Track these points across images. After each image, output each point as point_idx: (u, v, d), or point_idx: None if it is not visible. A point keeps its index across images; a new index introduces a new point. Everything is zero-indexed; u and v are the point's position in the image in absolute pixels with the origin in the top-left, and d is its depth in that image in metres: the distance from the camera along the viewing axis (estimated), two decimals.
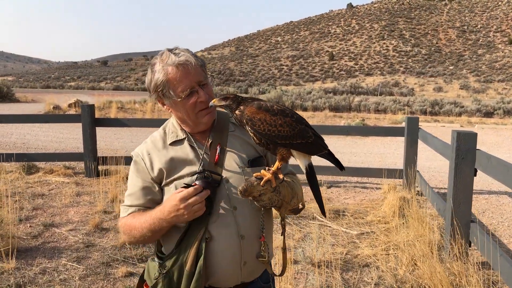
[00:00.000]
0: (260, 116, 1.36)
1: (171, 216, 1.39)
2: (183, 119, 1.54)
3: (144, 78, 9.16)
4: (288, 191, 1.45)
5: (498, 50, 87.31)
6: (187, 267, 1.41)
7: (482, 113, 23.28)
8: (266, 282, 1.62)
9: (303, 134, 1.37)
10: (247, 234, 1.48)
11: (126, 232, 1.52)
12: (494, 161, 3.09)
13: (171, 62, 1.46)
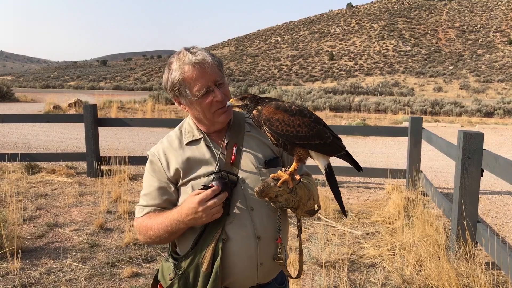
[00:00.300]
0: (278, 116, 1.35)
1: (189, 219, 1.38)
2: (199, 118, 1.53)
3: (144, 78, 9.25)
4: (304, 192, 1.44)
5: (497, 50, 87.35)
6: (204, 268, 1.39)
7: (483, 113, 23.29)
8: (281, 283, 1.61)
9: (321, 134, 1.36)
10: (263, 235, 1.46)
11: (142, 233, 1.52)
12: (502, 161, 3.08)
13: (188, 61, 1.45)
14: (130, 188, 6.09)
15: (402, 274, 3.43)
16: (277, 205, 1.42)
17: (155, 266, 3.70)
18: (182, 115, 18.82)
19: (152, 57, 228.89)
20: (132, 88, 56.79)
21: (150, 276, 3.51)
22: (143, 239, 1.54)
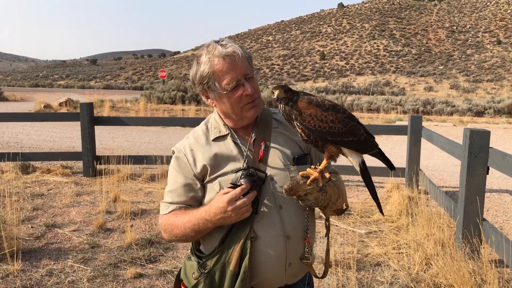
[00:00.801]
0: (311, 111, 1.30)
1: (218, 218, 1.34)
2: (227, 113, 1.48)
3: (134, 77, 9.19)
4: (334, 191, 1.40)
5: (486, 50, 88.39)
6: (231, 267, 1.35)
7: (473, 112, 23.53)
8: (306, 283, 1.56)
9: (355, 131, 1.32)
10: (292, 234, 1.42)
11: (167, 231, 1.48)
12: (510, 159, 3.08)
13: (218, 53, 1.41)
14: (128, 188, 6.00)
15: (410, 272, 3.41)
16: (306, 203, 1.38)
17: (159, 267, 3.64)
18: (175, 114, 18.71)
19: (143, 56, 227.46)
20: (123, 87, 56.32)
21: (154, 277, 3.46)
22: (168, 237, 1.50)
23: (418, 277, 3.37)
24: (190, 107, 21.54)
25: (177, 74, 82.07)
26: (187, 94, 26.04)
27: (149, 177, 6.57)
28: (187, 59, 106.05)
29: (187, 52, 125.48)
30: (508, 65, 69.80)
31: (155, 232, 4.40)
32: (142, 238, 4.19)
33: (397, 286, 3.31)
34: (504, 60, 73.55)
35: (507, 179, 6.86)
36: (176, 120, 8.61)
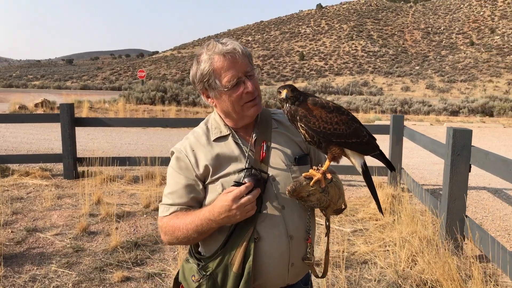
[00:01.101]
0: (316, 113, 1.30)
1: (222, 217, 1.32)
2: (227, 112, 1.47)
3: (112, 77, 9.06)
4: (335, 191, 1.40)
5: (460, 51, 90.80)
6: (235, 269, 1.34)
7: (449, 111, 24.13)
8: (306, 284, 1.57)
9: (358, 133, 1.33)
10: (295, 235, 1.42)
11: (168, 233, 1.44)
12: (493, 157, 3.17)
13: (218, 50, 1.40)
14: (111, 190, 5.90)
15: (396, 269, 3.47)
16: (308, 204, 1.38)
17: (146, 270, 3.59)
18: (155, 114, 18.49)
19: (120, 56, 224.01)
20: (100, 88, 55.35)
21: (142, 280, 3.40)
22: (168, 239, 1.46)
23: (404, 274, 3.43)
24: (170, 108, 21.33)
25: (156, 74, 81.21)
26: (167, 95, 25.79)
27: (132, 178, 6.47)
28: (165, 59, 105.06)
29: (166, 52, 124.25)
30: (481, 66, 71.88)
31: (141, 235, 4.34)
32: (127, 241, 4.12)
33: (384, 283, 3.36)
34: (477, 61, 75.71)
35: (483, 176, 7.06)
36: (160, 121, 8.50)
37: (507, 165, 2.95)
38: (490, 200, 5.94)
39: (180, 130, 13.18)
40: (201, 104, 24.41)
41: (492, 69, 68.06)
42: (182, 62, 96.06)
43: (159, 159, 6.41)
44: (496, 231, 4.70)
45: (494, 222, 5.00)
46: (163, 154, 8.23)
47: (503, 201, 5.87)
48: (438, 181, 6.96)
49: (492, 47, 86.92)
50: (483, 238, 3.27)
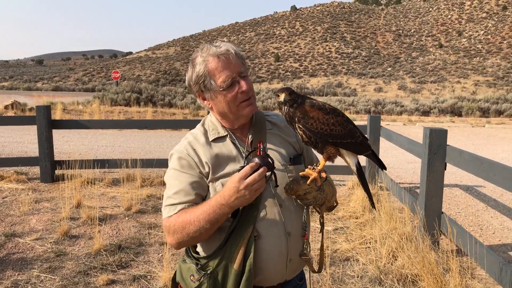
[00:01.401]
0: (313, 114, 1.37)
1: (233, 199, 1.32)
2: (223, 112, 1.50)
3: (85, 79, 8.99)
4: (329, 189, 1.47)
5: (429, 53, 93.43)
6: (235, 266, 1.37)
7: (420, 112, 24.84)
8: (300, 279, 1.63)
9: (353, 133, 1.40)
10: (293, 232, 1.48)
11: (177, 231, 1.41)
12: (467, 155, 3.32)
13: (212, 53, 1.45)
14: (90, 193, 5.81)
15: (378, 265, 3.58)
16: (304, 202, 1.44)
17: (131, 272, 3.57)
18: (131, 116, 18.24)
19: (93, 56, 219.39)
20: (73, 89, 54.09)
21: (128, 282, 3.39)
22: (178, 238, 1.41)
23: (386, 269, 3.55)
24: (146, 109, 21.10)
25: (130, 75, 79.96)
26: (142, 96, 25.48)
27: (112, 181, 6.40)
28: (140, 60, 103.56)
29: (140, 52, 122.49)
30: (449, 67, 74.19)
31: (124, 237, 4.31)
32: (111, 244, 4.09)
33: (366, 279, 3.47)
34: (445, 63, 78.11)
35: (455, 174, 7.33)
36: (140, 122, 8.40)
37: (480, 163, 3.10)
38: (462, 197, 6.18)
39: (157, 132, 13.07)
40: (177, 105, 24.23)
41: (460, 71, 70.38)
42: (156, 63, 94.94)
43: (140, 161, 6.36)
44: (469, 226, 4.91)
45: (467, 218, 5.21)
46: (143, 156, 8.16)
47: (475, 198, 6.13)
48: (413, 180, 7.18)
49: (459, 49, 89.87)
50: (460, 234, 3.43)
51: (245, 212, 1.41)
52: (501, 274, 2.80)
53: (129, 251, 3.97)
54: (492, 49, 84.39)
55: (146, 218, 4.90)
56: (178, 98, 26.11)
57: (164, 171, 6.94)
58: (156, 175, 6.70)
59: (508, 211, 5.45)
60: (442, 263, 3.56)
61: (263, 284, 1.46)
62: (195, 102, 24.17)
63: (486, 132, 14.97)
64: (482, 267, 3.08)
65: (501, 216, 5.28)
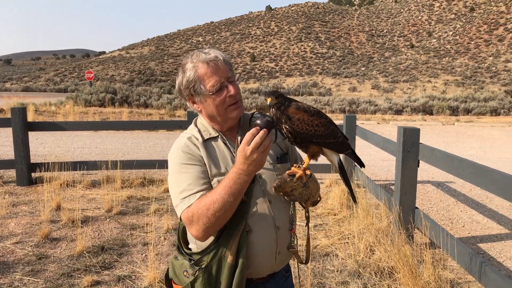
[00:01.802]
0: (299, 116, 1.47)
1: (247, 167, 1.36)
2: (212, 115, 1.58)
3: (57, 79, 8.99)
4: (314, 185, 1.58)
5: (401, 53, 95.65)
6: (229, 260, 1.46)
7: (393, 110, 25.45)
8: (286, 271, 1.73)
9: (335, 134, 1.51)
10: (281, 226, 1.57)
11: (202, 214, 1.41)
12: (438, 153, 3.51)
13: (202, 59, 1.54)
14: (69, 195, 5.77)
15: (356, 259, 3.74)
16: (291, 198, 1.55)
17: (115, 272, 3.60)
18: (106, 117, 17.97)
19: (65, 56, 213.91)
20: (44, 90, 52.69)
21: (113, 283, 3.42)
22: (203, 224, 1.41)
23: (364, 263, 3.71)
24: (121, 110, 20.82)
25: (104, 76, 78.45)
26: (117, 96, 25.12)
27: (91, 183, 6.35)
28: (113, 60, 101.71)
29: (114, 52, 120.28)
30: (420, 67, 76.14)
31: (106, 239, 4.32)
32: (93, 245, 4.10)
33: (346, 272, 3.62)
34: (417, 63, 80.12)
35: (427, 171, 7.62)
36: (119, 124, 8.32)
37: (451, 160, 3.29)
38: (434, 193, 6.45)
39: (134, 133, 12.95)
40: (153, 105, 24.00)
41: (430, 70, 72.35)
42: (131, 62, 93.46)
43: (120, 162, 6.34)
44: (441, 220, 5.14)
45: (439, 212, 5.46)
46: (121, 157, 8.11)
47: (446, 193, 6.40)
48: (388, 177, 7.43)
49: (430, 49, 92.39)
50: (432, 227, 3.62)
51: (237, 210, 1.48)
52: (471, 264, 2.99)
53: (112, 252, 3.99)
54: (461, 50, 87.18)
55: (128, 219, 4.91)
56: (154, 98, 25.86)
57: (144, 172, 6.94)
58: (135, 176, 6.69)
59: (477, 205, 5.73)
60: (417, 256, 3.74)
61: (253, 276, 1.56)
62: (171, 103, 24.02)
63: (456, 130, 15.53)
64: (453, 258, 3.27)
65: (470, 210, 5.56)
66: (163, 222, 4.72)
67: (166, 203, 5.44)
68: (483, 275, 2.82)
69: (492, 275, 2.74)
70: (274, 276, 1.64)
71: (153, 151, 9.69)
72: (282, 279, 1.70)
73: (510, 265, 3.87)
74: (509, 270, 3.77)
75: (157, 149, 9.96)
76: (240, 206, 1.49)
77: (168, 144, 10.91)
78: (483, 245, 4.38)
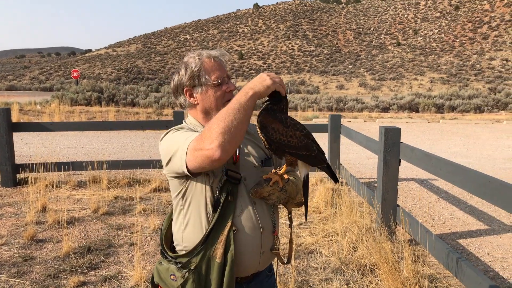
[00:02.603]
0: (274, 126, 1.53)
1: (258, 84, 1.45)
2: (209, 109, 1.64)
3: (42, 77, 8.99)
4: (293, 188, 1.63)
5: (388, 51, 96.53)
6: (218, 259, 1.50)
7: (380, 108, 25.73)
8: (269, 270, 1.79)
9: (308, 147, 1.55)
10: (265, 227, 1.63)
11: (212, 127, 1.38)
12: (418, 152, 3.61)
13: (207, 55, 1.64)
14: (55, 196, 5.75)
15: (339, 257, 3.83)
16: (270, 202, 1.60)
17: (102, 273, 3.63)
18: (93, 116, 17.83)
19: (50, 54, 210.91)
20: (29, 88, 51.95)
21: (99, 283, 3.45)
22: (217, 130, 1.35)
23: (347, 260, 3.80)
24: (108, 109, 20.66)
25: (90, 74, 77.61)
26: (103, 95, 24.94)
27: (77, 184, 6.34)
28: (100, 58, 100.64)
29: (100, 50, 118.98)
30: (407, 65, 77.03)
31: (93, 239, 4.34)
32: (80, 246, 4.12)
33: (329, 270, 3.70)
34: (403, 60, 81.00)
35: (411, 168, 7.77)
36: (105, 124, 8.25)
37: (429, 159, 3.39)
38: (417, 190, 6.59)
39: (120, 133, 12.90)
40: (140, 104, 23.89)
41: (416, 68, 73.24)
42: (117, 60, 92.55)
43: (106, 162, 6.34)
44: (423, 217, 5.27)
45: (421, 209, 5.59)
46: (107, 157, 8.09)
47: (428, 190, 6.55)
48: (373, 174, 7.55)
49: (416, 47, 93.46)
50: (412, 224, 3.72)
51: (223, 209, 1.54)
52: (448, 260, 3.10)
53: (99, 253, 4.01)
54: (446, 47, 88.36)
55: (114, 220, 4.93)
56: (141, 97, 25.73)
57: (130, 172, 6.95)
58: (122, 176, 6.69)
59: (458, 202, 5.88)
60: (397, 252, 3.84)
61: (239, 274, 1.61)
62: (159, 101, 23.92)
63: (441, 127, 15.80)
64: (432, 254, 3.38)
65: (451, 206, 5.70)
66: (149, 222, 4.75)
67: (153, 203, 5.47)
68: (459, 270, 2.93)
69: (468, 270, 2.84)
70: (258, 275, 1.69)
71: (140, 150, 9.68)
72: (266, 278, 1.75)
73: (487, 260, 4.00)
74: (486, 265, 3.89)
75: (144, 149, 9.96)
76: (226, 205, 1.54)
77: (155, 143, 10.90)
78: (462, 241, 4.51)
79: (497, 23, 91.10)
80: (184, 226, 1.60)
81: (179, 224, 1.62)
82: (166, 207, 5.37)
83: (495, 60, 72.51)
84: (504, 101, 24.77)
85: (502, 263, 3.95)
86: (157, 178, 6.40)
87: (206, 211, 1.55)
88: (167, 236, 1.70)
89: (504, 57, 72.78)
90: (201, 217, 1.56)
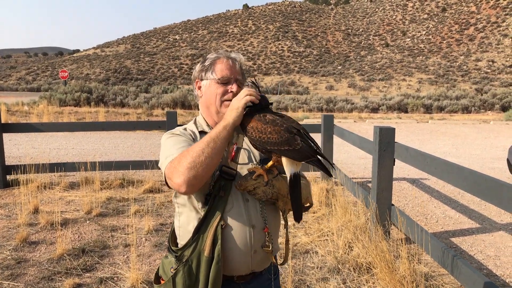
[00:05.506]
0: (253, 124, 1.54)
1: (229, 115, 1.54)
2: (209, 104, 1.69)
3: (29, 78, 9.12)
4: (283, 185, 1.60)
5: (377, 52, 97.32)
6: (206, 253, 1.52)
7: (370, 109, 25.93)
8: (273, 274, 1.78)
9: (290, 142, 1.51)
10: (256, 225, 1.62)
11: (181, 161, 1.45)
12: (412, 151, 3.65)
13: (223, 54, 1.73)
14: (47, 198, 5.68)
15: (335, 256, 3.85)
16: (256, 197, 1.58)
17: (97, 274, 3.60)
18: (82, 117, 17.65)
19: (37, 54, 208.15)
20: (16, 89, 51.21)
21: (95, 285, 3.42)
22: (183, 168, 1.42)
23: (343, 259, 3.82)
24: (97, 109, 20.48)
25: (79, 74, 76.77)
26: (92, 96, 24.70)
27: (69, 185, 6.27)
28: (88, 58, 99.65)
29: (88, 50, 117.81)
30: (395, 65, 77.70)
31: (87, 241, 4.30)
32: (74, 248, 4.07)
33: (325, 269, 3.72)
34: (392, 61, 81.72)
35: (403, 168, 7.84)
36: (97, 125, 8.18)
37: (424, 158, 3.43)
38: (409, 189, 6.65)
39: (111, 133, 12.80)
40: (129, 105, 23.72)
41: (405, 69, 73.93)
42: (106, 61, 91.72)
43: (99, 164, 6.28)
44: (416, 216, 5.32)
45: (414, 208, 5.64)
46: (99, 158, 8.02)
47: (420, 190, 6.62)
48: (365, 174, 7.61)
49: (404, 48, 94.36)
50: (407, 223, 3.76)
51: (214, 204, 1.56)
52: (443, 257, 3.13)
53: (94, 254, 3.97)
54: (433, 49, 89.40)
55: (108, 221, 4.88)
56: (131, 97, 25.55)
57: (123, 173, 6.90)
58: (114, 177, 6.63)
59: (449, 201, 5.95)
60: (393, 251, 3.88)
61: (234, 273, 1.61)
62: (148, 102, 23.78)
63: (430, 127, 15.98)
64: (427, 252, 3.41)
65: (443, 205, 5.77)
66: (143, 223, 4.72)
67: (146, 204, 5.44)
68: (455, 268, 2.96)
69: (464, 268, 2.88)
70: (258, 278, 1.69)
71: (131, 151, 9.62)
72: (267, 281, 1.75)
73: (480, 258, 4.06)
74: (480, 263, 3.95)
75: (135, 149, 9.89)
76: (216, 200, 1.56)
77: (146, 143, 10.84)
78: (455, 239, 4.57)
79: (483, 25, 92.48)
80: (180, 221, 1.66)
81: (177, 220, 1.69)
82: (160, 208, 5.34)
83: (481, 61, 73.60)
84: (491, 102, 25.16)
85: (495, 260, 4.01)
86: (150, 179, 6.36)
87: (198, 207, 1.59)
88: (175, 231, 1.74)
89: (490, 58, 73.92)
90: (194, 212, 1.61)
